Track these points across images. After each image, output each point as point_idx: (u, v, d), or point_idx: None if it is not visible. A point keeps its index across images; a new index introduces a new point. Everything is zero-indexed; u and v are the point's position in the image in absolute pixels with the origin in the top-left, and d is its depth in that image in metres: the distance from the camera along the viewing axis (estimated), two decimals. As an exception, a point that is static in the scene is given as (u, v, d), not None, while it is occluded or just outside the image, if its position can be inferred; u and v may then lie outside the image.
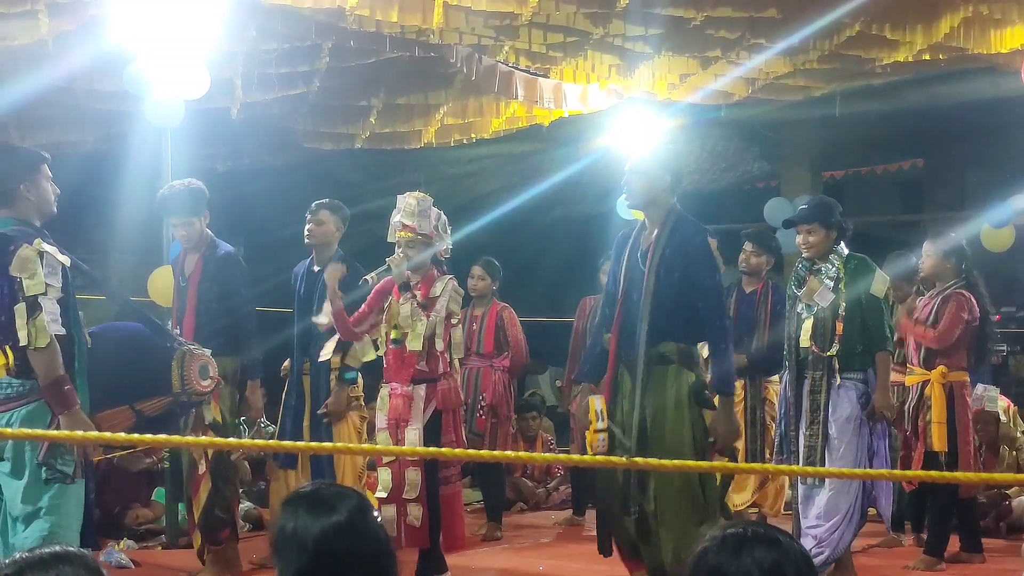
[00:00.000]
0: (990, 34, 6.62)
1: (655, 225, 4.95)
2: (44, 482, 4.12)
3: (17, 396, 4.18)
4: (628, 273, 4.94)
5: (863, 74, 7.72)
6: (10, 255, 4.14)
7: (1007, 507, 7.18)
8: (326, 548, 2.24)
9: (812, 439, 5.61)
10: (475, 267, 7.73)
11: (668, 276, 4.82)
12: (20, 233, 4.21)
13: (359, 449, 5.48)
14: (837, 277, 5.66)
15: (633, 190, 5.03)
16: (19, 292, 4.14)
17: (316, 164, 9.99)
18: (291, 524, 2.27)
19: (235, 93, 7.60)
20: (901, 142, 12.32)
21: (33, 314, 4.12)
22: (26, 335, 4.10)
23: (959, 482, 5.90)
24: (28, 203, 4.30)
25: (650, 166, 5.02)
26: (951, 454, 6.11)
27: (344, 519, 2.26)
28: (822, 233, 5.75)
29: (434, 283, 5.65)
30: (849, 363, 5.60)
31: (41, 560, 2.08)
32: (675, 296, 4.81)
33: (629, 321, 4.88)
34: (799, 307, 5.73)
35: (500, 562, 6.75)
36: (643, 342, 4.81)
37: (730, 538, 2.04)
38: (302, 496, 2.34)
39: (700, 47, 6.97)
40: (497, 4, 5.93)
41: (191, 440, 4.80)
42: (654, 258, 4.85)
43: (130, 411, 4.61)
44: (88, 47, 6.42)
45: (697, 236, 4.90)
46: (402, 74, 7.79)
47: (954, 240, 6.44)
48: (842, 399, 5.61)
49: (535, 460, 5.72)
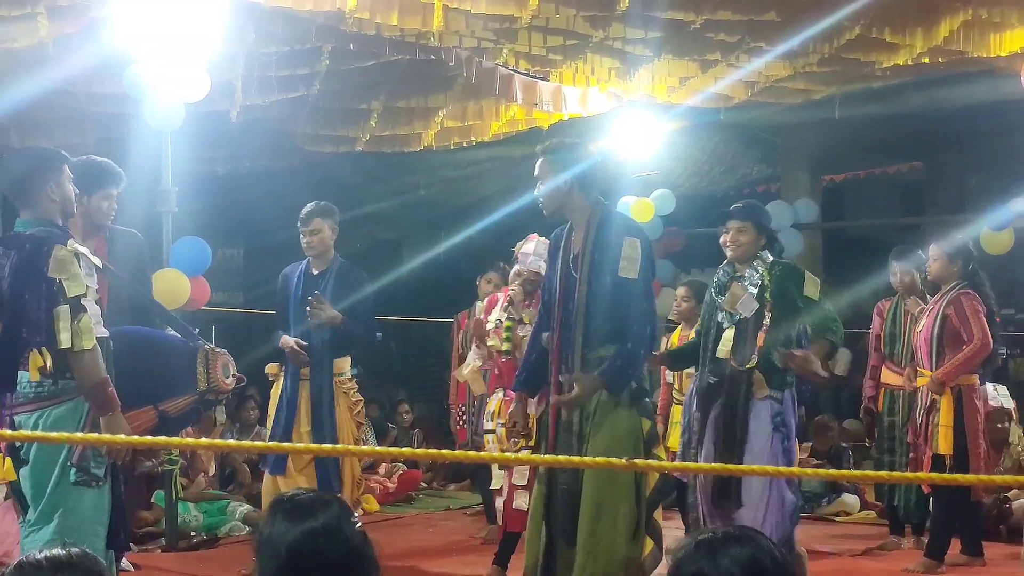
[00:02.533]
0: (989, 37, 6.62)
1: (580, 228, 4.85)
2: (72, 484, 4.10)
3: (48, 396, 4.16)
4: (563, 279, 4.84)
5: (863, 77, 7.73)
6: (45, 256, 4.10)
7: (1008, 510, 7.18)
8: (298, 553, 2.27)
9: (729, 441, 5.15)
10: (492, 272, 7.65)
11: (599, 280, 4.73)
12: (51, 234, 4.18)
13: (359, 451, 5.48)
14: (761, 284, 5.24)
15: (543, 198, 4.91)
16: (59, 294, 4.09)
17: (316, 167, 9.99)
18: (268, 529, 2.33)
19: (235, 96, 7.60)
20: (901, 145, 12.31)
21: (77, 316, 4.08)
22: (69, 337, 4.06)
23: (957, 484, 5.90)
24: (52, 204, 4.27)
25: (549, 169, 4.84)
26: (958, 458, 6.10)
27: (318, 525, 2.29)
28: (753, 234, 5.32)
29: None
30: (768, 379, 5.13)
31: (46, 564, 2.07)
32: (609, 299, 4.72)
33: (567, 327, 4.79)
34: (719, 316, 5.30)
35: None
36: (579, 347, 4.73)
37: (703, 543, 2.07)
38: (282, 502, 2.38)
39: (700, 50, 6.97)
40: (497, 7, 5.93)
41: (191, 442, 4.78)
42: (584, 263, 4.76)
43: (154, 411, 4.56)
44: (88, 50, 6.42)
45: (621, 236, 4.73)
46: (402, 77, 7.79)
47: (960, 242, 6.44)
48: (758, 418, 5.15)
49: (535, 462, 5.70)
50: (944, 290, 6.31)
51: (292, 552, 2.28)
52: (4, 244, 4.27)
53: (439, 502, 9.48)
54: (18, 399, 4.16)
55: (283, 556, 2.28)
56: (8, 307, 4.17)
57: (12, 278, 4.16)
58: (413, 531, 8.12)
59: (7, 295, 4.17)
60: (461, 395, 7.68)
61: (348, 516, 2.35)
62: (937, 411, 6.16)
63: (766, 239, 5.36)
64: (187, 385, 4.60)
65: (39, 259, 4.10)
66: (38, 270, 4.09)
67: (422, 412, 11.83)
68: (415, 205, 12.31)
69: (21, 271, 4.14)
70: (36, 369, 4.10)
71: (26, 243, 4.17)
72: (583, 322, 4.74)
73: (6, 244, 4.25)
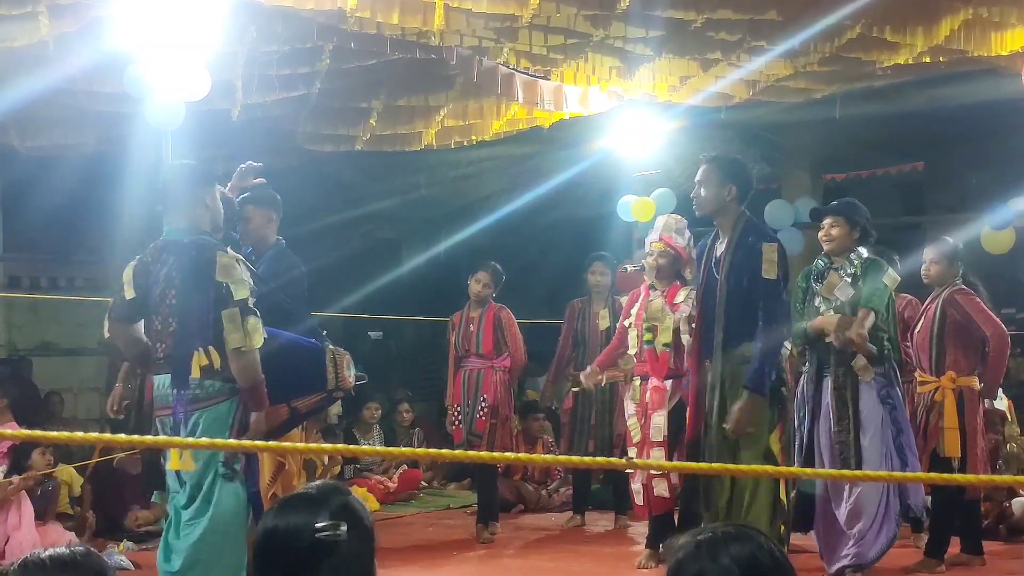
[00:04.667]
0: (990, 36, 6.61)
1: (726, 233, 5.29)
2: (219, 478, 4.43)
3: (206, 397, 4.42)
4: (706, 280, 5.31)
5: (864, 76, 7.72)
6: (208, 262, 4.38)
7: (1008, 509, 7.18)
8: (264, 549, 2.32)
9: (843, 434, 5.67)
10: (482, 272, 7.70)
11: (738, 282, 5.17)
12: (211, 242, 4.49)
13: (360, 451, 5.47)
14: (855, 275, 5.75)
15: (700, 200, 5.35)
16: (227, 297, 4.36)
17: (316, 166, 9.98)
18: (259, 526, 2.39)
19: (235, 95, 7.60)
20: (902, 144, 12.30)
21: (246, 318, 4.38)
22: (240, 338, 4.34)
23: (959, 484, 5.90)
24: (205, 214, 4.59)
25: (716, 176, 5.29)
26: (963, 459, 6.11)
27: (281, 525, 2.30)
28: (845, 228, 5.85)
29: (679, 291, 6.40)
30: (870, 359, 5.70)
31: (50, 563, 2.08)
32: (746, 300, 5.16)
33: (707, 325, 5.25)
34: (817, 301, 5.82)
35: (500, 565, 6.75)
36: (720, 345, 5.18)
37: (704, 543, 2.08)
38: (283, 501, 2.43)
39: (701, 49, 6.96)
40: (498, 6, 5.92)
41: (190, 442, 4.81)
42: (725, 266, 5.19)
43: (287, 408, 4.84)
44: (89, 49, 6.42)
45: (759, 242, 5.18)
46: (403, 76, 7.78)
47: (953, 243, 6.45)
48: (864, 395, 5.69)
49: (535, 461, 5.73)
50: (938, 291, 6.32)
51: (259, 547, 2.32)
52: (162, 250, 4.56)
53: (439, 501, 9.49)
54: (194, 398, 4.45)
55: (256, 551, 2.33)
56: (178, 311, 4.46)
57: (180, 282, 4.46)
58: (413, 530, 8.13)
59: (176, 299, 4.47)
60: (457, 395, 7.68)
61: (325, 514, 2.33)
62: (939, 413, 6.16)
63: (860, 233, 5.87)
64: (317, 383, 4.90)
65: (205, 264, 4.40)
66: (205, 275, 4.39)
67: (422, 411, 11.84)
68: (415, 204, 12.30)
69: (187, 275, 4.43)
70: (199, 367, 4.38)
71: (191, 250, 4.46)
72: (723, 320, 5.18)
73: (165, 250, 4.55)
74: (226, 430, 4.43)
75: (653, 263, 6.46)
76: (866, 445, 5.63)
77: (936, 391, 6.21)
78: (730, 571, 2.03)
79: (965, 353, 6.21)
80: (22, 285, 11.78)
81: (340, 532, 2.24)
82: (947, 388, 6.16)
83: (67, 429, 8.14)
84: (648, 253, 6.54)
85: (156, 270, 4.53)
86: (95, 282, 11.16)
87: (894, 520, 5.74)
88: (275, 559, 2.27)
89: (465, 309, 7.76)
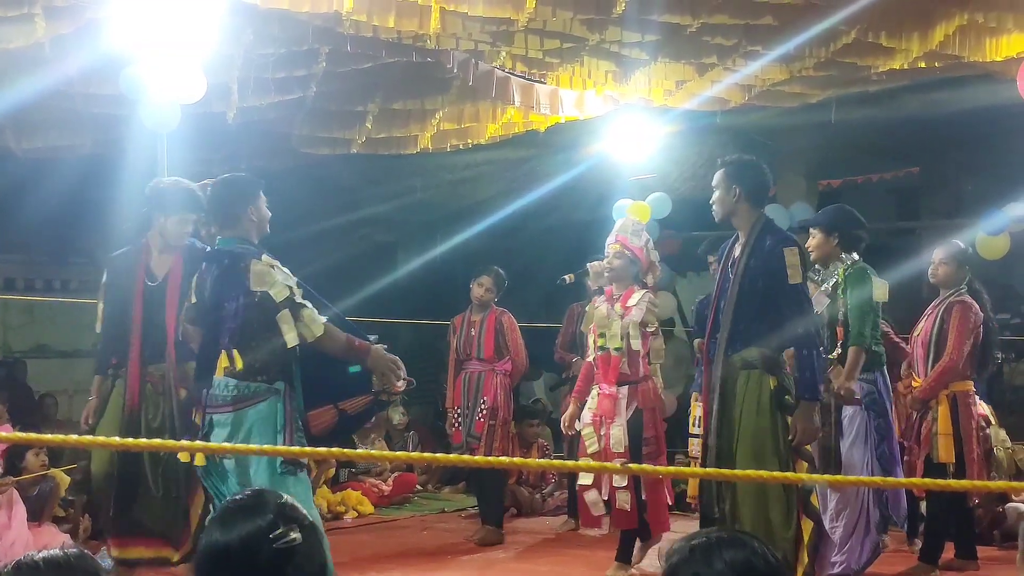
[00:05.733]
0: (985, 42, 6.63)
1: (743, 235, 5.22)
2: (280, 475, 4.47)
3: (243, 398, 4.53)
4: (721, 282, 5.24)
5: (859, 81, 7.73)
6: (242, 272, 4.53)
7: (1001, 514, 7.18)
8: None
9: (825, 440, 5.67)
10: (484, 276, 7.68)
11: (752, 285, 5.06)
12: (247, 251, 4.62)
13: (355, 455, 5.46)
14: (836, 284, 5.72)
15: (715, 203, 5.28)
16: (269, 303, 4.49)
17: (312, 169, 9.99)
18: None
19: (231, 97, 7.60)
20: (897, 149, 12.32)
21: (297, 313, 4.49)
22: (295, 336, 4.46)
23: (952, 490, 5.91)
24: (251, 224, 4.73)
25: (723, 179, 5.24)
26: (958, 464, 6.11)
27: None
28: (821, 238, 5.88)
29: (632, 295, 6.21)
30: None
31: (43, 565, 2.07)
32: (759, 304, 5.05)
33: (715, 327, 5.19)
34: None
35: (495, 568, 6.75)
36: (723, 348, 5.08)
37: (698, 547, 2.08)
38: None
39: (696, 54, 6.97)
40: (494, 10, 5.93)
41: (186, 444, 4.83)
42: (739, 268, 5.11)
43: (334, 410, 4.91)
44: (85, 51, 6.41)
45: (779, 246, 5.08)
46: (399, 79, 7.79)
47: (963, 246, 6.45)
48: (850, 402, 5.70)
49: (530, 466, 5.71)
50: (944, 295, 6.32)
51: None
52: (207, 260, 4.78)
53: (434, 504, 9.49)
54: (215, 400, 4.56)
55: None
56: (209, 316, 4.63)
57: (212, 289, 4.63)
58: (408, 533, 8.13)
59: (208, 305, 4.64)
60: (457, 398, 7.69)
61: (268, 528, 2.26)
62: (933, 419, 6.16)
63: (838, 240, 5.83)
64: (364, 386, 4.95)
65: (238, 274, 4.55)
66: (239, 283, 4.53)
67: (417, 415, 11.82)
68: (411, 207, 12.30)
69: (221, 283, 4.61)
70: (222, 368, 4.52)
71: (225, 258, 4.65)
72: (729, 323, 5.08)
73: (209, 260, 4.76)
74: (273, 429, 4.54)
75: (606, 265, 6.33)
76: (846, 452, 5.65)
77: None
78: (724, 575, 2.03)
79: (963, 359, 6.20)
80: (17, 287, 11.77)
81: (294, 537, 2.19)
82: (941, 394, 6.16)
83: (62, 431, 8.12)
84: (604, 255, 6.43)
85: (207, 278, 4.74)
86: (90, 284, 11.12)
87: (876, 529, 5.73)
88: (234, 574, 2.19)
89: (467, 312, 7.74)
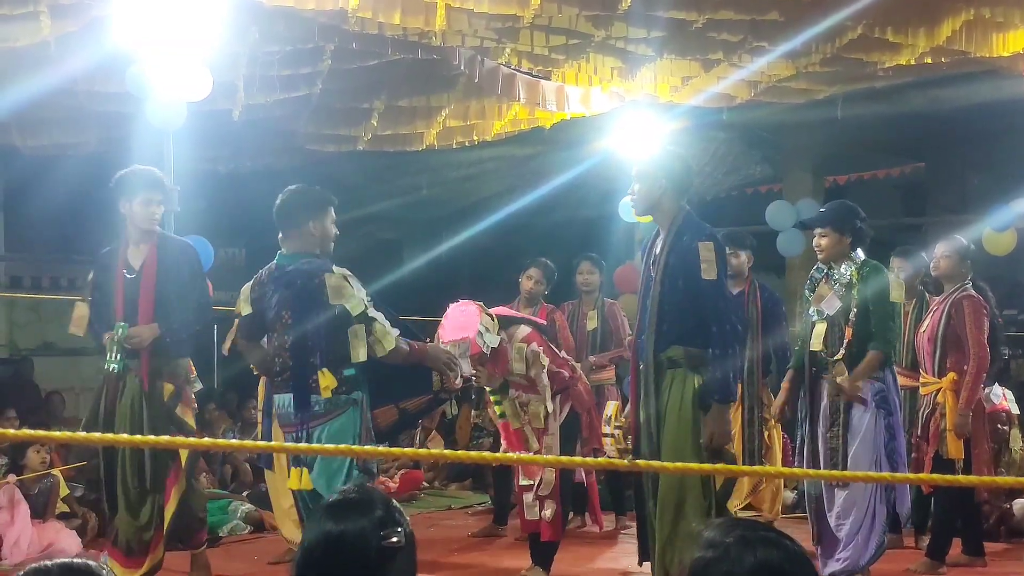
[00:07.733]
0: (992, 37, 6.61)
1: (663, 230, 5.02)
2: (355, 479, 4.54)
3: (327, 411, 4.62)
4: (644, 281, 5.05)
5: (865, 77, 7.72)
6: (318, 288, 4.55)
7: (1008, 511, 7.17)
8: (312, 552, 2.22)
9: (833, 440, 5.62)
10: (533, 268, 7.55)
11: (673, 281, 4.87)
12: (315, 265, 4.63)
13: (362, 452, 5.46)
14: (849, 282, 5.64)
15: (636, 197, 5.11)
16: (347, 317, 4.53)
17: (318, 166, 9.99)
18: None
19: (237, 95, 7.60)
20: (903, 145, 12.31)
21: (370, 328, 4.54)
22: (365, 351, 4.52)
23: (961, 485, 5.90)
24: (312, 238, 4.72)
25: (649, 171, 5.05)
26: (966, 460, 6.10)
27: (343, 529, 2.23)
28: (834, 237, 5.70)
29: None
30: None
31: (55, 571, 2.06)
32: (681, 301, 4.85)
33: (640, 327, 5.01)
34: (810, 310, 5.75)
35: (500, 565, 6.75)
36: (650, 346, 4.90)
37: (732, 545, 2.02)
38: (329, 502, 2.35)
39: (702, 50, 6.96)
40: (499, 6, 5.93)
41: (181, 441, 4.84)
42: (660, 265, 4.92)
43: (395, 410, 4.98)
44: (90, 49, 6.42)
45: (694, 240, 4.86)
46: (404, 76, 7.79)
47: (965, 242, 6.44)
48: (857, 401, 5.61)
49: (537, 462, 5.71)
50: (948, 291, 6.31)
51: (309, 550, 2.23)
52: (272, 281, 4.75)
53: (441, 501, 9.49)
54: (314, 415, 4.64)
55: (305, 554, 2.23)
56: (294, 334, 4.63)
57: (292, 307, 4.63)
58: (415, 530, 8.11)
59: (291, 322, 4.64)
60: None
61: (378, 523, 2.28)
62: (941, 415, 6.16)
63: (851, 238, 5.68)
64: (424, 385, 5.00)
65: (315, 291, 4.57)
66: (318, 300, 4.55)
67: (423, 412, 11.81)
68: (417, 205, 12.31)
69: (300, 304, 4.61)
70: (326, 388, 4.57)
71: (297, 279, 4.63)
72: (655, 323, 4.90)
73: (275, 281, 4.73)
74: (352, 438, 4.60)
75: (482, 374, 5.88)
76: (854, 451, 5.58)
77: (938, 393, 6.21)
78: (756, 573, 1.96)
79: (967, 356, 6.19)
80: (24, 285, 11.78)
81: (398, 540, 2.20)
82: (948, 390, 6.15)
83: (68, 429, 8.14)
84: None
85: (269, 294, 4.73)
86: (96, 282, 11.16)
87: (883, 527, 5.70)
88: (341, 565, 2.20)
89: (515, 305, 7.50)
